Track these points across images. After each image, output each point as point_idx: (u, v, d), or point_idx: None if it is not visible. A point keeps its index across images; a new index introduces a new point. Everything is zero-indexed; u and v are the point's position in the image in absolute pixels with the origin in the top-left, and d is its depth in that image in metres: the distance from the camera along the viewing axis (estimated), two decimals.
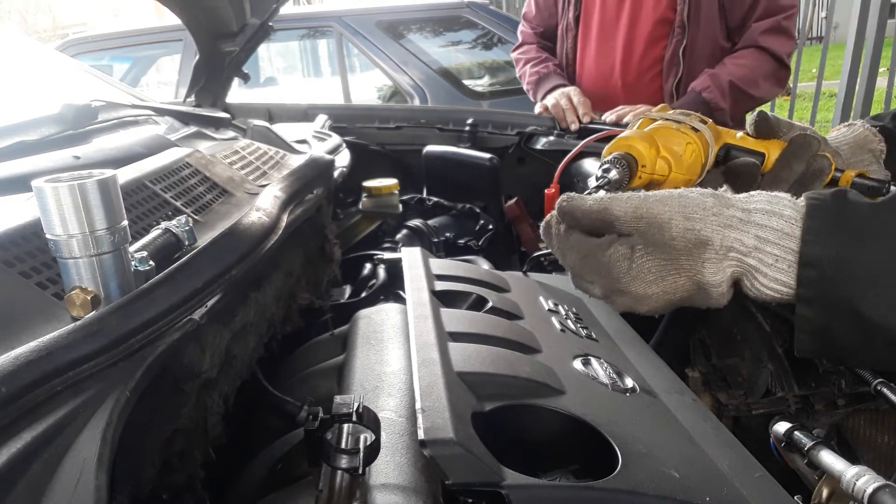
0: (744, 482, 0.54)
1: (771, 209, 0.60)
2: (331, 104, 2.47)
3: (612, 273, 0.65)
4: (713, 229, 0.61)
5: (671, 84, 1.84)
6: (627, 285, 0.65)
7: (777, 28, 1.75)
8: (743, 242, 0.60)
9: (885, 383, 0.66)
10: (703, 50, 1.79)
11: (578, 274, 0.69)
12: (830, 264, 0.56)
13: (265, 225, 0.73)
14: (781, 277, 0.59)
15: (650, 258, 0.64)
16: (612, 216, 0.65)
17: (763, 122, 0.87)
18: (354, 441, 0.58)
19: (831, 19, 5.09)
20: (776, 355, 0.79)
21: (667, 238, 0.62)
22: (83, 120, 1.02)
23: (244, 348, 0.70)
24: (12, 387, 0.39)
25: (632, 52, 1.87)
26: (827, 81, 4.59)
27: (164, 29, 4.47)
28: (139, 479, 0.51)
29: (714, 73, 1.75)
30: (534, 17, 2.10)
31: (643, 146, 0.81)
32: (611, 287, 0.67)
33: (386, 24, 4.08)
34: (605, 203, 0.66)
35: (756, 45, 1.75)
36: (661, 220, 0.63)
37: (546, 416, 0.59)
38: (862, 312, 0.55)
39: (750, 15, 1.76)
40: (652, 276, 0.64)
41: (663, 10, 1.80)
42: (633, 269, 0.64)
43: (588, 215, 0.67)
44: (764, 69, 1.76)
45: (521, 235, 1.65)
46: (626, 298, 0.67)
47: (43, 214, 0.50)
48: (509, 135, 1.87)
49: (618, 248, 0.65)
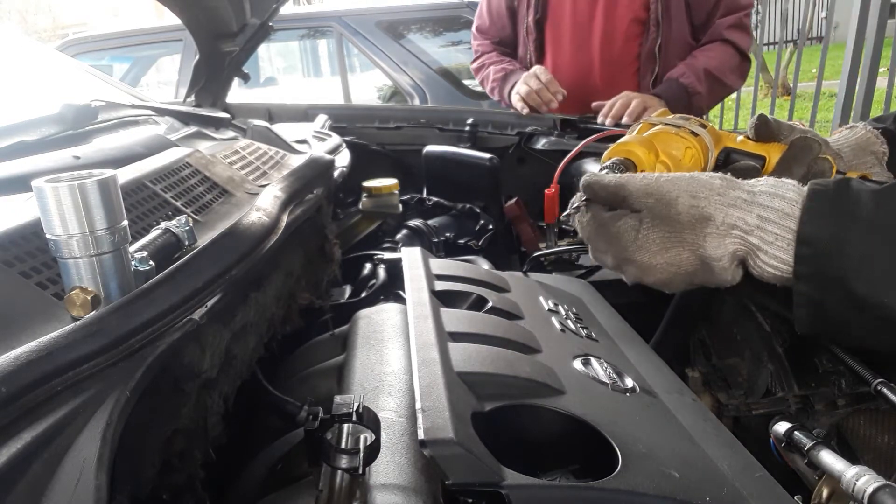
0: (744, 482, 0.54)
1: (774, 192, 0.64)
2: (331, 104, 2.47)
3: (620, 242, 0.72)
4: (716, 207, 0.66)
5: (648, 80, 1.92)
6: (633, 254, 0.71)
7: (739, 24, 1.89)
8: (746, 221, 0.64)
9: (885, 383, 0.66)
10: (675, 47, 1.90)
11: (593, 243, 0.76)
12: (824, 242, 0.60)
13: (265, 225, 0.73)
14: (781, 255, 0.62)
15: (655, 230, 0.69)
16: (626, 191, 0.71)
17: (763, 126, 0.86)
18: (354, 441, 0.58)
19: (831, 19, 5.10)
20: (776, 355, 0.79)
21: (672, 213, 0.67)
22: (83, 120, 1.02)
23: (244, 348, 0.70)
24: (12, 387, 0.39)
25: (610, 50, 1.94)
26: (827, 81, 4.59)
27: (164, 29, 4.47)
28: (139, 479, 0.51)
29: (689, 63, 1.87)
30: (488, 29, 2.15)
31: (642, 151, 0.82)
32: (620, 256, 0.73)
33: (386, 24, 4.08)
34: (622, 180, 0.72)
35: (722, 39, 1.88)
36: (670, 198, 0.68)
37: (546, 416, 0.59)
38: (854, 289, 0.58)
39: (714, 13, 1.89)
40: (656, 247, 0.69)
41: (637, 9, 1.88)
42: (640, 239, 0.70)
43: (605, 189, 0.73)
44: (731, 62, 1.90)
45: (521, 235, 1.65)
46: (633, 268, 0.72)
47: (43, 214, 0.50)
48: (509, 135, 1.87)
49: (626, 221, 0.71)
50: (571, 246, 1.46)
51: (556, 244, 1.53)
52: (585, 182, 0.75)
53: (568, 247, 1.45)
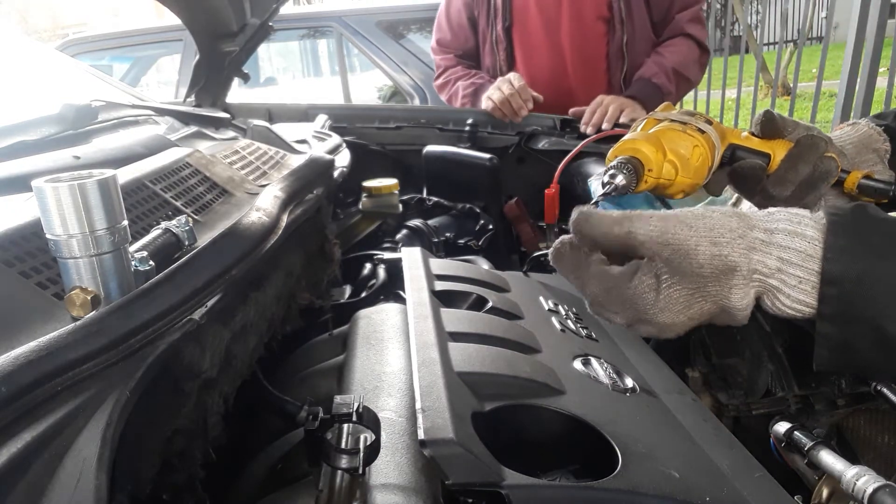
0: (744, 482, 0.54)
1: (793, 229, 0.60)
2: (331, 104, 2.47)
3: (637, 305, 0.63)
4: (740, 253, 0.60)
5: (619, 77, 1.97)
6: (655, 316, 0.63)
7: (697, 17, 1.99)
8: (766, 264, 0.60)
9: (886, 383, 0.66)
10: (641, 43, 1.95)
11: (601, 305, 0.67)
12: (851, 282, 0.56)
13: (265, 225, 0.72)
14: (804, 298, 0.59)
15: (678, 287, 0.61)
16: (636, 241, 0.62)
17: (769, 122, 0.85)
18: (354, 441, 0.59)
19: (831, 19, 5.10)
20: (776, 355, 0.79)
21: (694, 266, 0.60)
22: (83, 120, 1.02)
23: (244, 348, 0.70)
24: (12, 387, 0.39)
25: (580, 50, 1.97)
26: (827, 81, 4.59)
27: (164, 29, 4.47)
28: (139, 479, 0.51)
29: (657, 61, 1.92)
30: (450, 42, 2.13)
31: (649, 149, 0.78)
32: (636, 318, 0.65)
33: (386, 24, 4.07)
34: (628, 226, 0.63)
35: (683, 33, 1.96)
36: (688, 247, 0.60)
37: (546, 416, 0.59)
38: (885, 328, 0.54)
39: (671, 8, 1.96)
40: (679, 307, 0.62)
41: (600, 7, 1.92)
42: (661, 301, 0.62)
43: (608, 238, 0.64)
44: (693, 55, 1.97)
45: (521, 235, 1.65)
46: (651, 328, 0.65)
47: (43, 214, 0.50)
48: (509, 135, 1.87)
49: (643, 279, 0.63)
50: None
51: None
52: (581, 231, 0.65)
53: None
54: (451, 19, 2.11)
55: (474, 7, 2.04)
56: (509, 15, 1.98)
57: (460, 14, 2.08)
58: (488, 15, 2.01)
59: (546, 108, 1.89)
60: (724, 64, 4.98)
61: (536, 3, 1.95)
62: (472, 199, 1.68)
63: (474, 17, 2.06)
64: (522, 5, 1.97)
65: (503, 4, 1.96)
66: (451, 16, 2.11)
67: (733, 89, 4.92)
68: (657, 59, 1.93)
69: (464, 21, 2.07)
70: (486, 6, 2.00)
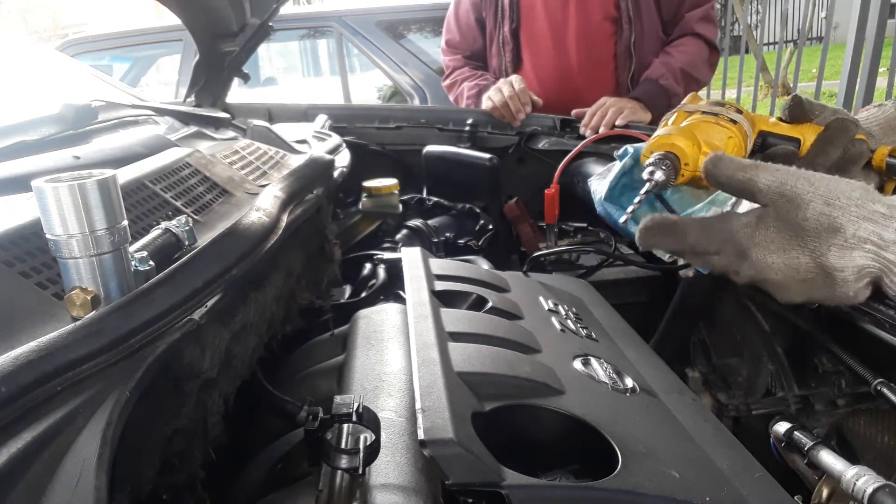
0: (744, 482, 0.54)
1: None
2: (331, 104, 2.47)
3: (735, 238, 0.66)
4: (850, 219, 0.61)
5: (626, 77, 1.95)
6: (750, 249, 0.66)
7: (707, 17, 1.95)
8: (881, 237, 0.60)
9: (885, 383, 0.66)
10: (649, 42, 1.94)
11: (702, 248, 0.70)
12: None
13: (265, 225, 0.72)
14: None
15: (775, 229, 0.64)
16: (756, 188, 0.65)
17: (797, 106, 0.85)
18: (354, 441, 0.59)
19: (831, 19, 5.11)
20: (776, 355, 0.79)
21: (800, 218, 0.63)
22: (83, 120, 1.02)
23: (244, 348, 0.70)
24: (12, 387, 0.39)
25: (587, 50, 1.95)
26: (827, 81, 4.60)
27: (164, 29, 4.47)
28: (139, 479, 0.51)
29: (665, 62, 1.89)
30: (459, 44, 2.13)
31: (685, 143, 0.78)
32: (734, 251, 0.67)
33: (386, 24, 4.07)
34: (752, 174, 0.66)
35: (693, 33, 1.93)
36: (802, 200, 0.63)
37: (546, 416, 0.59)
38: None
39: (682, 6, 1.94)
40: (774, 246, 0.64)
41: (608, 7, 1.91)
42: (758, 236, 0.65)
43: (731, 182, 0.67)
44: (702, 55, 1.94)
45: (521, 235, 1.65)
46: (747, 266, 0.67)
47: (43, 214, 0.50)
48: (509, 135, 1.87)
49: (742, 218, 0.66)
50: (571, 246, 1.46)
51: (556, 244, 1.54)
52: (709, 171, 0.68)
53: (568, 247, 1.45)
54: (459, 20, 2.11)
55: (482, 8, 2.03)
56: (517, 16, 1.97)
57: (468, 15, 2.07)
58: (496, 16, 2.00)
59: (552, 109, 1.89)
60: (725, 64, 4.99)
61: (543, 4, 1.94)
62: (472, 199, 1.68)
63: (482, 18, 2.05)
64: (529, 6, 1.96)
65: (510, 5, 1.96)
66: (460, 17, 2.10)
67: (733, 89, 4.93)
68: (665, 59, 1.90)
69: (472, 22, 2.07)
70: (493, 7, 2.00)
